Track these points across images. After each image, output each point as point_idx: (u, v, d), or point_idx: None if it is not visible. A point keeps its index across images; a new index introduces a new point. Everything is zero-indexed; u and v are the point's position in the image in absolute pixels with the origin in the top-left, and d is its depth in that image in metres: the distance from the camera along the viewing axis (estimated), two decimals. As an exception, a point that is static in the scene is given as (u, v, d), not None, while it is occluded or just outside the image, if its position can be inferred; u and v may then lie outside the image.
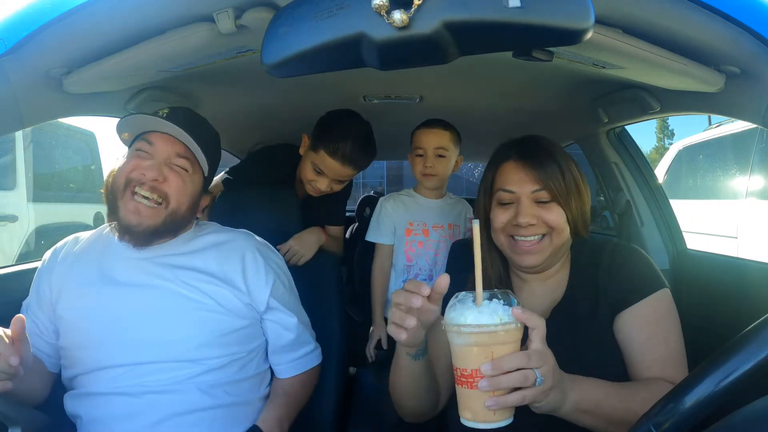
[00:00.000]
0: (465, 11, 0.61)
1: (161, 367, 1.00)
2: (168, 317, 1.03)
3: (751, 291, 1.29)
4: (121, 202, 1.02)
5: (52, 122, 2.30)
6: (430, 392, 0.95)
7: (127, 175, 1.02)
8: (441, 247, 1.73)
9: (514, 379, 0.66)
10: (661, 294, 0.92)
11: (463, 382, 0.68)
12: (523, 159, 0.97)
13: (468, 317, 0.68)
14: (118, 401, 0.98)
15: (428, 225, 1.75)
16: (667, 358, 0.88)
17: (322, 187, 1.56)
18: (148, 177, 1.01)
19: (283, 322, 1.16)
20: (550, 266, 1.00)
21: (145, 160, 1.03)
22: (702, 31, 0.83)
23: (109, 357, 1.00)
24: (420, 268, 1.74)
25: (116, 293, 1.04)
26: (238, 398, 1.07)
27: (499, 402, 0.66)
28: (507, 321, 0.67)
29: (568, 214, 0.95)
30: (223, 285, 1.07)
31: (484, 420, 0.67)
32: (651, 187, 1.75)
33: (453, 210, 1.79)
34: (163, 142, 1.05)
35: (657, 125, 20.67)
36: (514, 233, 0.95)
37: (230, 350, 1.06)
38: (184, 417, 0.99)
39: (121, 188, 1.02)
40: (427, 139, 1.66)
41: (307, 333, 1.23)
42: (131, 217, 1.01)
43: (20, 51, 0.85)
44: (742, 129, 3.98)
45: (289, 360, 1.18)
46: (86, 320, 1.02)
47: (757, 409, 0.51)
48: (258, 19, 0.84)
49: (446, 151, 1.67)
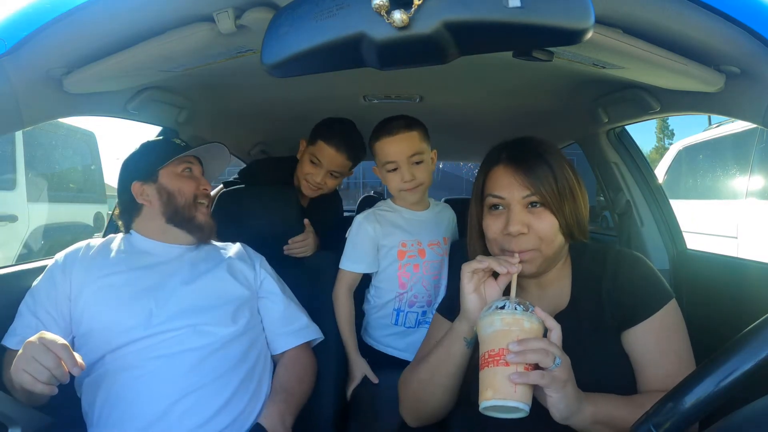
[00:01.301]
0: (465, 11, 0.61)
1: (189, 330, 1.12)
2: (196, 288, 1.19)
3: (751, 291, 1.29)
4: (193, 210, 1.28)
5: (52, 122, 2.30)
6: (457, 389, 0.98)
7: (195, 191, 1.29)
8: (440, 268, 1.48)
9: (536, 354, 0.75)
10: (669, 306, 0.91)
11: (489, 362, 0.78)
12: (513, 163, 0.94)
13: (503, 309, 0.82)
14: (152, 365, 1.08)
15: (423, 243, 1.48)
16: (679, 371, 0.87)
17: (318, 179, 1.67)
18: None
19: (272, 294, 1.32)
20: (546, 272, 0.98)
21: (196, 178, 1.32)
22: (702, 31, 0.83)
23: (141, 328, 1.10)
24: (415, 296, 1.47)
25: (142, 274, 1.18)
26: (255, 370, 1.18)
27: (522, 375, 0.75)
28: (532, 315, 0.80)
29: (561, 219, 0.91)
30: (233, 259, 1.31)
31: (504, 397, 0.75)
32: (651, 187, 1.75)
33: (443, 219, 1.55)
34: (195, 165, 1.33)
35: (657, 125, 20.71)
36: (505, 245, 0.92)
37: (245, 317, 1.21)
38: (210, 385, 1.09)
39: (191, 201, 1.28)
40: (395, 149, 1.39)
41: (299, 310, 1.35)
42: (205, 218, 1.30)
43: (20, 51, 0.85)
44: (742, 129, 3.99)
45: (285, 332, 1.29)
46: (116, 298, 1.13)
47: (757, 409, 0.51)
48: (258, 19, 0.84)
49: (422, 155, 1.41)
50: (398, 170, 1.41)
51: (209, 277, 1.23)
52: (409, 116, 1.44)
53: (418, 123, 1.43)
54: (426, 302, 1.49)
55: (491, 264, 0.89)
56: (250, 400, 1.13)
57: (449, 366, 0.95)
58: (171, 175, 1.27)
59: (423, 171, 1.42)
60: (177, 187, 1.26)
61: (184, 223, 1.26)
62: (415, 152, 1.39)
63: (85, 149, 5.11)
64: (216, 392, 1.08)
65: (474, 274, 0.91)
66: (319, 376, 1.32)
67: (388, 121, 1.42)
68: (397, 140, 1.39)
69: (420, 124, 1.43)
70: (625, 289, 0.93)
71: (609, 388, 0.87)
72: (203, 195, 1.29)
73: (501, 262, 0.89)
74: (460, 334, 0.93)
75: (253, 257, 1.36)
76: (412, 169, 1.41)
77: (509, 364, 0.76)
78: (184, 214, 1.25)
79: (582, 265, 0.99)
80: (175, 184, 1.26)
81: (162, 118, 1.56)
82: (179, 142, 1.33)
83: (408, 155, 1.39)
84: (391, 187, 1.47)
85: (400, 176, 1.41)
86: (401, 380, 1.07)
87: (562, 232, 0.92)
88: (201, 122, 1.73)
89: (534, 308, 0.81)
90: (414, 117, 1.45)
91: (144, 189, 1.26)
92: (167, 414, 1.04)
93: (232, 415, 1.09)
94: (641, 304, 0.91)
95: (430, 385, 0.98)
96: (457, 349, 0.93)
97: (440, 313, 1.10)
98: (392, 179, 1.43)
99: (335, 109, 1.71)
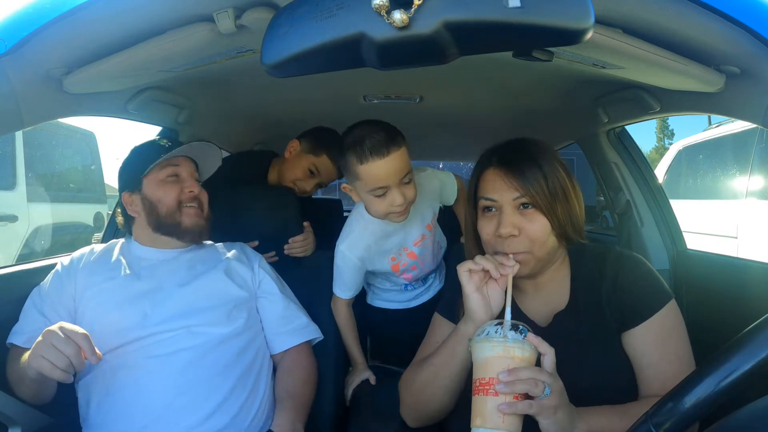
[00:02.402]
0: (465, 11, 0.61)
1: (188, 331, 1.13)
2: (189, 291, 1.20)
3: (751, 291, 1.29)
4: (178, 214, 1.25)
5: (52, 122, 2.30)
6: (459, 390, 0.98)
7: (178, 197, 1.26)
8: (435, 249, 1.49)
9: (525, 384, 0.75)
10: (669, 307, 0.92)
11: (479, 390, 0.78)
12: (503, 165, 0.94)
13: (495, 335, 0.81)
14: (147, 364, 1.09)
15: (409, 246, 1.42)
16: (679, 372, 0.87)
17: (308, 188, 1.71)
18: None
19: (271, 294, 1.31)
20: (541, 272, 0.98)
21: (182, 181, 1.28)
22: (702, 31, 0.83)
23: (136, 330, 1.12)
24: (421, 272, 1.51)
25: (138, 278, 1.20)
26: (252, 369, 1.19)
27: (510, 406, 0.75)
28: (524, 342, 0.79)
29: (554, 221, 0.91)
30: (230, 260, 1.30)
31: (493, 426, 0.76)
32: (651, 187, 1.75)
33: (423, 202, 1.40)
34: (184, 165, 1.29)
35: (657, 125, 20.70)
36: (497, 248, 0.93)
37: (242, 318, 1.21)
38: (208, 382, 1.10)
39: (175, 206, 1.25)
40: (387, 172, 1.18)
41: (298, 310, 1.35)
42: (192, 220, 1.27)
43: (20, 51, 0.85)
44: (742, 129, 3.99)
45: (284, 331, 1.30)
46: (112, 302, 1.15)
47: (757, 409, 0.51)
48: (258, 19, 0.84)
49: (410, 173, 1.22)
50: (388, 193, 1.21)
51: (205, 278, 1.23)
52: (385, 124, 1.22)
53: (398, 132, 1.21)
54: (432, 269, 1.54)
55: (486, 266, 0.89)
56: (247, 398, 1.13)
57: (453, 368, 0.95)
58: (154, 183, 1.25)
59: (412, 188, 1.24)
60: (158, 197, 1.24)
61: (171, 230, 1.25)
62: (407, 171, 1.21)
63: (85, 149, 5.11)
64: (212, 390, 1.09)
65: (472, 273, 0.91)
66: (319, 375, 1.32)
67: (370, 136, 1.17)
68: (391, 161, 1.17)
69: (398, 131, 1.22)
70: (625, 290, 0.93)
71: (608, 389, 0.87)
72: (189, 198, 1.26)
73: (496, 264, 0.89)
74: (464, 336, 0.93)
75: (252, 257, 1.36)
76: (403, 190, 1.21)
77: (498, 394, 0.76)
78: (168, 222, 1.24)
79: (581, 266, 0.99)
80: (156, 194, 1.24)
81: (162, 118, 1.56)
82: (164, 143, 1.30)
83: (400, 177, 1.19)
84: (375, 210, 1.26)
85: (390, 200, 1.21)
86: (402, 381, 1.07)
87: (554, 234, 0.92)
88: (201, 122, 1.72)
89: (528, 332, 0.80)
90: (383, 122, 1.23)
91: (132, 200, 1.27)
92: (164, 412, 1.04)
93: (230, 413, 1.09)
94: (641, 306, 0.91)
95: (432, 387, 0.98)
96: (461, 351, 0.93)
97: (440, 313, 1.11)
98: (379, 204, 1.22)
99: (335, 109, 1.71)
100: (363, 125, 1.22)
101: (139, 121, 1.48)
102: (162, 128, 1.65)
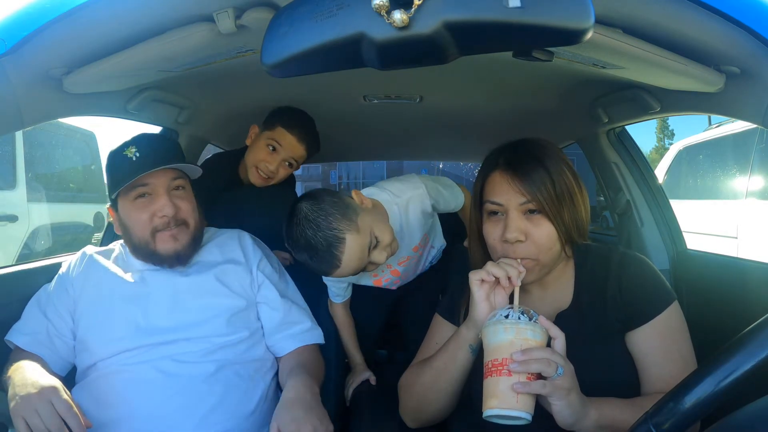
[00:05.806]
0: (465, 11, 0.61)
1: (184, 343, 1.12)
2: (182, 301, 1.16)
3: (751, 291, 1.29)
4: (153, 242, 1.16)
5: (52, 122, 2.30)
6: (459, 393, 0.98)
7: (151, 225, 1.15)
8: (424, 258, 1.46)
9: (538, 364, 0.76)
10: (673, 308, 0.92)
11: (492, 372, 0.79)
12: (510, 168, 0.92)
13: (507, 319, 0.83)
14: (141, 369, 1.08)
15: (393, 264, 1.38)
16: (682, 372, 0.86)
17: (272, 167, 1.59)
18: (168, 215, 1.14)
19: (271, 300, 1.26)
20: (546, 275, 0.98)
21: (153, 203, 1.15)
22: (702, 31, 0.83)
23: (127, 340, 1.11)
24: (400, 286, 1.48)
25: (131, 286, 1.17)
26: (246, 376, 1.15)
27: (524, 385, 0.76)
28: (536, 325, 0.81)
29: (560, 226, 0.89)
30: (226, 264, 1.24)
31: (507, 406, 0.76)
32: (651, 188, 1.75)
33: (413, 235, 1.36)
34: (156, 177, 1.14)
35: (657, 125, 20.69)
36: (504, 253, 0.92)
37: (237, 328, 1.17)
38: (200, 386, 1.08)
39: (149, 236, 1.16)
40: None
41: (300, 313, 1.30)
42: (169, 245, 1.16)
43: (20, 51, 0.85)
44: (742, 129, 3.98)
45: (285, 336, 1.25)
46: (104, 311, 1.14)
47: (757, 409, 0.51)
48: (258, 19, 0.84)
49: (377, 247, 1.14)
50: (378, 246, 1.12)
51: (199, 287, 1.19)
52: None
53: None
54: (419, 274, 1.50)
55: (498, 274, 0.89)
56: (243, 397, 1.12)
57: (453, 371, 0.95)
58: (126, 204, 1.15)
59: (385, 254, 1.15)
60: (130, 224, 1.16)
61: (147, 256, 1.18)
62: (364, 262, 1.12)
63: (85, 149, 5.10)
64: (205, 396, 1.07)
65: (483, 282, 0.91)
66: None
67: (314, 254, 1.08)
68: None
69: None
70: (629, 291, 0.93)
71: (611, 388, 0.88)
72: (162, 224, 1.14)
73: (506, 273, 0.89)
74: (466, 341, 0.93)
75: (252, 257, 1.30)
76: (379, 256, 1.13)
77: (512, 374, 0.77)
78: (142, 249, 1.17)
79: (585, 267, 0.99)
80: (128, 219, 1.16)
81: (162, 118, 1.56)
82: (131, 154, 1.12)
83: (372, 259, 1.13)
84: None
85: (384, 254, 1.13)
86: (402, 383, 1.07)
87: (560, 239, 0.91)
88: (201, 122, 1.72)
89: (538, 317, 0.81)
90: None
91: (114, 216, 1.20)
92: (157, 420, 1.03)
93: (224, 417, 1.07)
94: (646, 306, 0.92)
95: (432, 389, 0.98)
96: (463, 355, 0.93)
97: (441, 315, 1.10)
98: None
99: (335, 109, 1.71)
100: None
101: (139, 121, 1.48)
102: (162, 128, 1.65)
